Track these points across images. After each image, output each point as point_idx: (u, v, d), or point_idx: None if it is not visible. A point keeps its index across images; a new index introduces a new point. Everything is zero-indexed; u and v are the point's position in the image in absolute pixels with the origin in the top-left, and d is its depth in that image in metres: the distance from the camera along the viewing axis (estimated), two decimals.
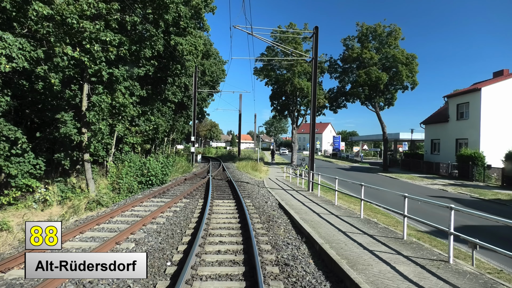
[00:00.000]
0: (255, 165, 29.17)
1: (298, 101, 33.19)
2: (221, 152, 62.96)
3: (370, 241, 6.95)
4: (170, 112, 27.24)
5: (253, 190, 15.27)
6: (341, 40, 35.57)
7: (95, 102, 13.40)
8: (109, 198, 12.21)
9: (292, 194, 14.51)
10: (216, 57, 33.83)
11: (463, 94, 29.70)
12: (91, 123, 13.81)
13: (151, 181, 15.18)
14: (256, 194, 14.06)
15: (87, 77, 13.80)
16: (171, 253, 6.32)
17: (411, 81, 33.33)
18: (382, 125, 34.62)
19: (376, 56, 32.78)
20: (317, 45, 15.33)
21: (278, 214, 10.25)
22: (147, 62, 16.68)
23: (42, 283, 4.60)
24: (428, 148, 35.87)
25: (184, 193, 13.10)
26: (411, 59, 32.93)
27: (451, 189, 20.05)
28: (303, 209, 10.81)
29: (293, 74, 30.48)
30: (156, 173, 15.31)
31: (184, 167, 24.73)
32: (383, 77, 31.49)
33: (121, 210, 9.78)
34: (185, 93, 28.10)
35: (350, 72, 35.98)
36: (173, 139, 32.81)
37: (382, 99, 34.65)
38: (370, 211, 11.73)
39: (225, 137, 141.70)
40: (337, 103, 37.63)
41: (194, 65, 21.60)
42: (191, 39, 18.87)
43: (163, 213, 9.73)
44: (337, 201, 12.01)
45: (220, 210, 10.32)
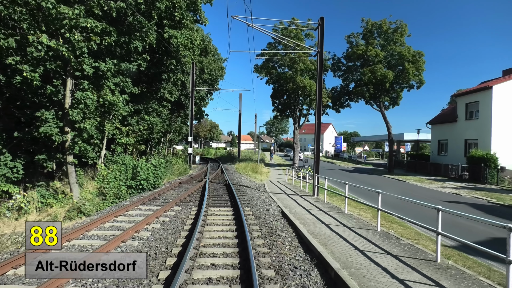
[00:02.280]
0: (255, 167, 27.89)
1: (300, 100, 31.88)
2: (220, 153, 61.67)
3: (397, 265, 5.66)
4: (166, 111, 25.96)
5: (253, 195, 13.99)
6: (345, 37, 34.32)
7: (79, 99, 12.13)
8: (92, 205, 10.93)
9: (296, 200, 13.23)
10: (215, 54, 32.51)
11: (473, 92, 28.40)
12: (75, 122, 12.53)
13: (142, 186, 13.88)
14: (257, 200, 12.78)
15: (70, 71, 12.52)
16: (150, 282, 5.03)
17: (417, 79, 32.02)
18: (388, 125, 33.32)
19: (381, 53, 31.49)
20: (322, 38, 14.06)
21: (281, 225, 8.96)
22: (139, 56, 15.41)
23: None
24: (434, 149, 34.57)
25: (176, 199, 11.82)
26: (418, 57, 31.64)
27: (464, 192, 18.74)
28: (310, 219, 9.53)
29: (295, 71, 29.16)
30: (147, 176, 14.02)
31: (181, 169, 23.46)
32: (389, 75, 30.20)
33: (101, 221, 8.50)
34: (182, 92, 26.78)
35: (354, 71, 34.69)
36: (170, 140, 31.52)
37: (387, 98, 33.33)
38: (384, 220, 10.44)
39: (226, 138, 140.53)
40: (340, 102, 36.36)
41: (191, 61, 20.35)
42: (187, 33, 17.61)
43: (149, 224, 8.44)
44: (347, 209, 10.73)
45: (215, 221, 9.04)
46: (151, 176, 14.14)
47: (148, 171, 14.18)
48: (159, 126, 23.60)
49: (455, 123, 30.28)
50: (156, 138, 25.46)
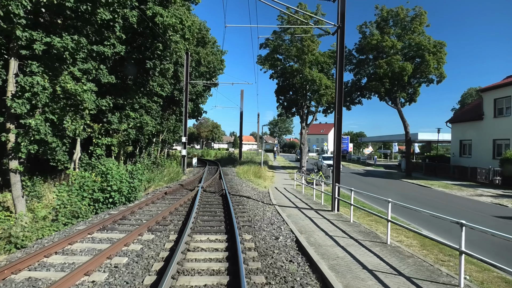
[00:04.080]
0: (258, 171, 24.76)
1: (308, 95, 28.68)
2: (220, 155, 58.56)
3: None
4: (157, 108, 22.92)
5: (256, 212, 10.88)
6: (357, 27, 31.14)
7: (24, 85, 9.08)
8: (32, 230, 7.85)
9: (312, 218, 10.10)
10: (213, 46, 29.42)
11: (503, 87, 25.13)
12: (19, 116, 9.49)
13: (113, 199, 10.78)
14: (261, 220, 9.66)
15: (14, 50, 9.48)
16: None
17: (437, 73, 28.76)
18: (405, 124, 30.10)
19: (398, 43, 28.29)
20: (344, 6, 10.92)
21: (300, 270, 5.82)
22: (112, 35, 12.33)
23: None
24: (456, 150, 31.28)
25: (152, 221, 8.72)
26: (439, 47, 28.40)
27: (508, 203, 15.50)
28: (340, 256, 6.41)
29: (303, 63, 25.96)
30: (120, 187, 10.92)
31: (172, 174, 20.37)
32: (408, 67, 26.98)
33: (13, 268, 5.40)
34: (175, 86, 23.66)
35: (366, 64, 31.50)
36: (164, 140, 28.44)
37: (404, 94, 30.07)
38: (440, 251, 7.25)
39: (228, 139, 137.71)
40: (351, 99, 33.19)
41: (183, 48, 17.31)
42: (176, 11, 14.55)
43: (88, 275, 5.31)
44: (389, 238, 7.53)
45: (199, 264, 5.90)
46: (125, 186, 11.03)
47: (121, 179, 11.07)
48: (150, 124, 20.56)
49: (480, 121, 27.03)
50: (146, 138, 22.38)
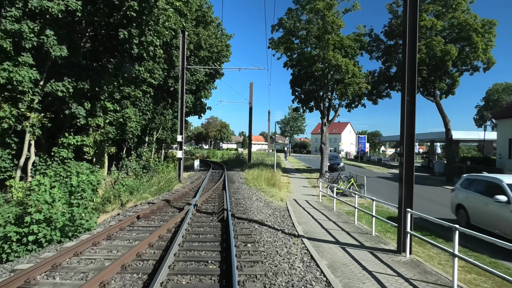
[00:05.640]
0: (271, 176, 20.31)
1: (330, 86, 24.07)
2: (228, 156, 54.19)
3: None
4: (147, 99, 18.69)
5: (274, 257, 6.45)
6: (387, 6, 26.41)
7: None
8: None
9: (374, 273, 5.65)
10: (217, 28, 25.07)
11: None
12: None
13: (37, 237, 6.49)
14: (288, 282, 5.24)
15: None
16: None
17: (485, 58, 23.80)
18: (445, 120, 25.24)
19: (439, 23, 23.48)
20: None
21: None
22: None
23: None
24: (503, 151, 26.33)
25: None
26: (488, 27, 23.53)
27: None
28: None
29: (326, 45, 21.30)
30: (51, 216, 6.65)
31: (163, 182, 16.09)
32: (453, 50, 22.14)
33: None
34: (169, 73, 19.34)
35: (397, 50, 26.73)
36: (159, 140, 24.21)
37: (443, 84, 25.20)
38: None
39: (236, 138, 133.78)
40: (378, 91, 28.47)
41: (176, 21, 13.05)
42: None
43: None
44: None
45: None
46: (59, 212, 6.76)
47: (53, 202, 6.80)
48: (133, 120, 16.34)
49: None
50: (134, 137, 18.14)
